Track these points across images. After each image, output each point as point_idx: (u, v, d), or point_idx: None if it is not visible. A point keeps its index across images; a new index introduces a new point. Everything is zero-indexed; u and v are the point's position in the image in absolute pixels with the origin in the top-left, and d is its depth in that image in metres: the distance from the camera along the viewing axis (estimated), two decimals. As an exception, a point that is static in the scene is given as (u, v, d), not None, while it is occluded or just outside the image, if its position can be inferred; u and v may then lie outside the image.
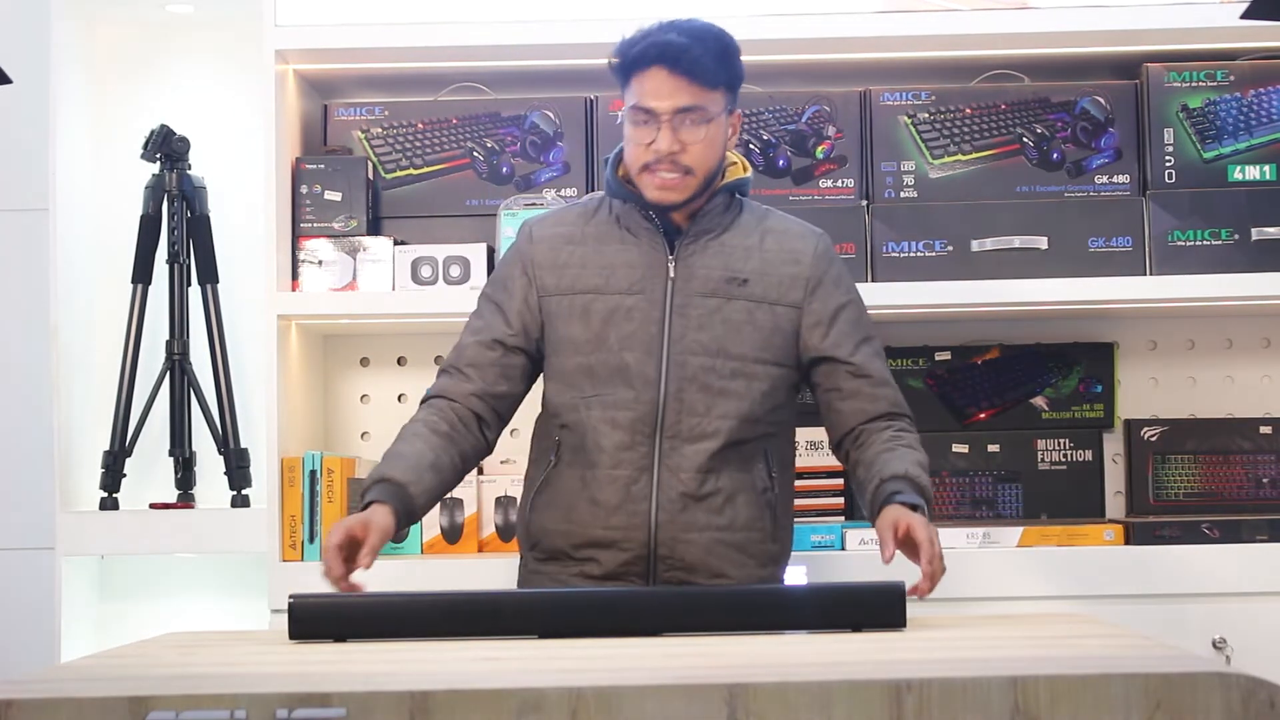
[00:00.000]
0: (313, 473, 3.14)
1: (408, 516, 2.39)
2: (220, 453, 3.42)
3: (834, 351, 2.52)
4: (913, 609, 1.99)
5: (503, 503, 3.30)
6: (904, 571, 2.21)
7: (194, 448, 3.47)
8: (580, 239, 2.53)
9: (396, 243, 3.24)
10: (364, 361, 3.51)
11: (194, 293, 3.46)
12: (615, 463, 2.45)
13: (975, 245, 3.20)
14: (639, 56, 2.43)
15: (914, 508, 2.35)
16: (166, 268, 3.45)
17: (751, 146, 3.27)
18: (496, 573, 3.09)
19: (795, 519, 3.26)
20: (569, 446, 2.50)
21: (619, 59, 2.46)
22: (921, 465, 2.45)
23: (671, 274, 2.48)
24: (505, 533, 3.30)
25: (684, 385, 2.45)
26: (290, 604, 1.98)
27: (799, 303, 2.51)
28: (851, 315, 2.55)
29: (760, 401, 2.49)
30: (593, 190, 3.24)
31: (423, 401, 2.57)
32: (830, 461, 3.29)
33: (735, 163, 2.58)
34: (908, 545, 2.32)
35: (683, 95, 2.41)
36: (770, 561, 2.54)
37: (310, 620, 1.98)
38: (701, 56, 2.41)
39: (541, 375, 2.58)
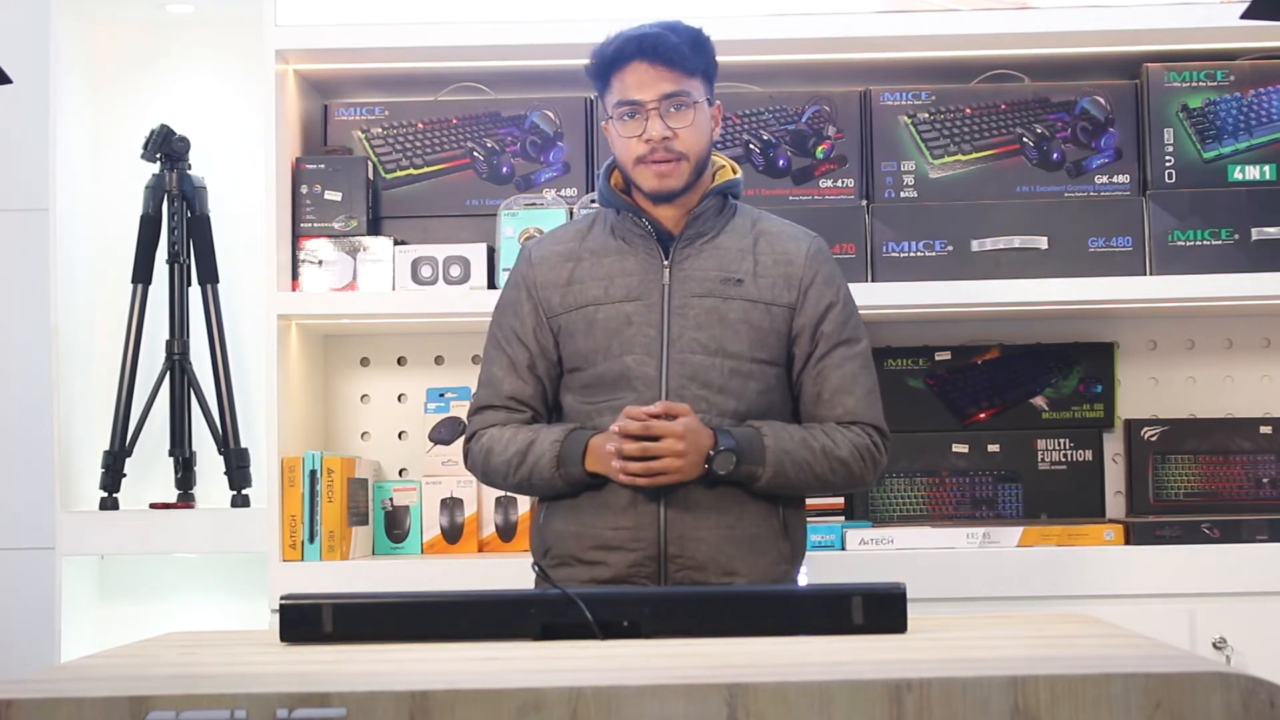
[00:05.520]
0: (313, 473, 3.14)
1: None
2: (220, 453, 3.42)
3: (807, 354, 2.55)
4: (912, 609, 1.98)
5: (503, 503, 3.30)
6: (904, 573, 2.21)
7: (194, 448, 3.46)
8: (578, 255, 2.58)
9: (396, 243, 3.24)
10: (364, 361, 3.51)
11: (194, 293, 3.46)
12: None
13: (975, 245, 3.20)
14: (617, 54, 2.51)
15: (727, 452, 2.43)
16: (166, 268, 3.45)
17: (751, 146, 3.27)
18: (497, 573, 3.09)
19: (795, 519, 3.25)
20: None
21: (597, 62, 2.54)
22: (800, 442, 2.47)
23: (667, 278, 2.52)
24: (505, 533, 3.30)
25: (685, 384, 2.48)
26: (281, 605, 1.97)
27: (792, 303, 2.54)
28: (836, 317, 2.56)
29: (758, 400, 2.51)
30: (591, 190, 3.24)
31: (468, 440, 2.60)
32: (830, 461, 3.29)
33: (724, 166, 2.62)
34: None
35: (665, 83, 2.49)
36: (783, 560, 2.54)
37: (302, 621, 1.97)
38: (678, 44, 2.50)
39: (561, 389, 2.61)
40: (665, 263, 2.53)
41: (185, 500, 3.43)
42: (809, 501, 3.21)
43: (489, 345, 2.62)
